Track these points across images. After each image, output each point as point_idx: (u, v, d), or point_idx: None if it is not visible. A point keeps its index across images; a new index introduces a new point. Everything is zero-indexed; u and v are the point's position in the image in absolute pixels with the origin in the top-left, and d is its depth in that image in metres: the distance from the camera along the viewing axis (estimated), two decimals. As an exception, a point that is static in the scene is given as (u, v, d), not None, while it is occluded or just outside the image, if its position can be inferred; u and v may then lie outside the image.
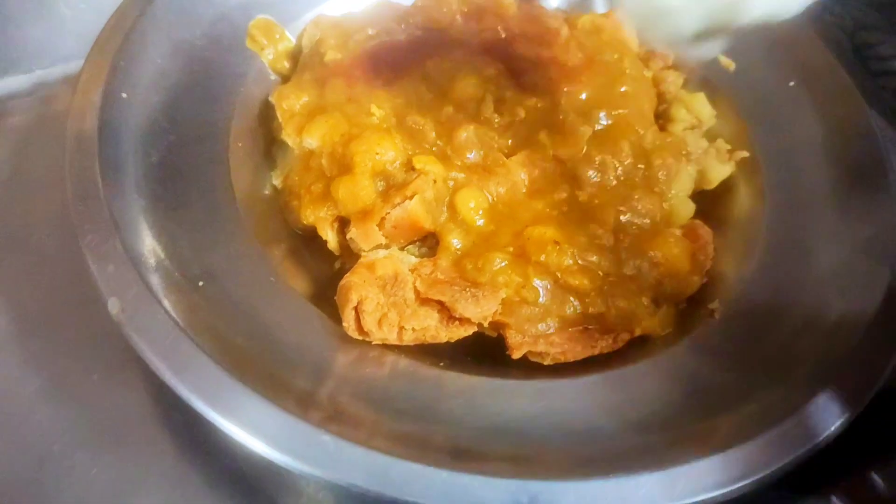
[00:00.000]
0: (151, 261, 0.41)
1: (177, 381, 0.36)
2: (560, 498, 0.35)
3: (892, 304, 0.44)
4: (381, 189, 0.47)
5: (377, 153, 0.47)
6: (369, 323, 0.42)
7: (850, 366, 0.41)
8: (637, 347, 0.46)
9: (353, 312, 0.42)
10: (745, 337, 0.45)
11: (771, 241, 0.49)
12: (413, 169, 0.47)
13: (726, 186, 0.54)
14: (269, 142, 0.54)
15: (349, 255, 0.49)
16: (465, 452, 0.37)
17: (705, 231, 0.51)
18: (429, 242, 0.49)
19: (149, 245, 0.42)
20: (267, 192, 0.52)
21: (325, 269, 0.50)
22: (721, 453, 0.37)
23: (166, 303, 0.39)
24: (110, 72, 0.48)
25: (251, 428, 0.35)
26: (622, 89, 0.54)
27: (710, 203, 0.54)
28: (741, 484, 0.36)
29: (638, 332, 0.46)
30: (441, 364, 0.43)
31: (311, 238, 0.50)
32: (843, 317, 0.44)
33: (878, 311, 0.43)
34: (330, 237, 0.49)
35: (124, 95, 0.47)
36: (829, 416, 0.39)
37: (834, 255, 0.47)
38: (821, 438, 0.38)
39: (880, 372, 0.40)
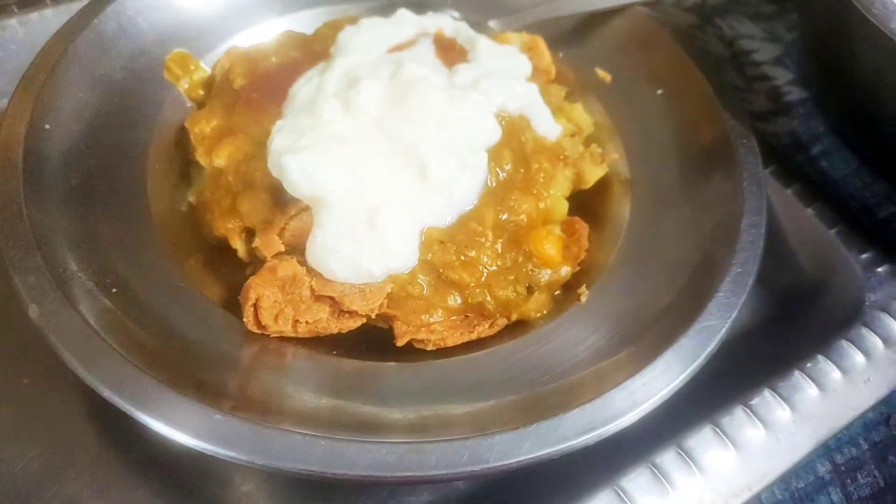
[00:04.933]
0: (67, 272, 0.46)
1: (87, 374, 0.41)
2: (426, 457, 0.40)
3: (734, 279, 0.50)
4: (280, 202, 0.52)
5: (275, 169, 0.52)
6: (266, 318, 0.47)
7: (687, 335, 0.46)
8: (515, 329, 0.52)
9: (252, 309, 0.48)
10: (604, 315, 0.51)
11: (632, 233, 0.56)
12: (311, 181, 0.53)
13: (602, 186, 0.60)
14: (185, 163, 0.59)
15: (258, 263, 0.54)
16: (367, 425, 0.43)
17: (581, 226, 0.57)
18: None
19: (65, 259, 0.47)
20: (184, 209, 0.58)
21: (239, 275, 0.55)
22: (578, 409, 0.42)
23: (80, 308, 0.44)
24: (34, 106, 0.53)
25: (150, 411, 0.40)
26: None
27: (587, 201, 0.60)
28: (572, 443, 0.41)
29: (515, 318, 0.52)
30: (335, 352, 0.49)
31: (224, 248, 0.55)
32: (686, 294, 0.50)
33: (719, 285, 0.49)
34: (240, 246, 0.54)
35: (47, 126, 0.53)
36: (669, 376, 0.44)
37: (683, 242, 0.53)
38: (654, 400, 0.43)
39: (713, 336, 0.46)
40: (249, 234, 0.54)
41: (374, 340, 0.51)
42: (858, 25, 0.50)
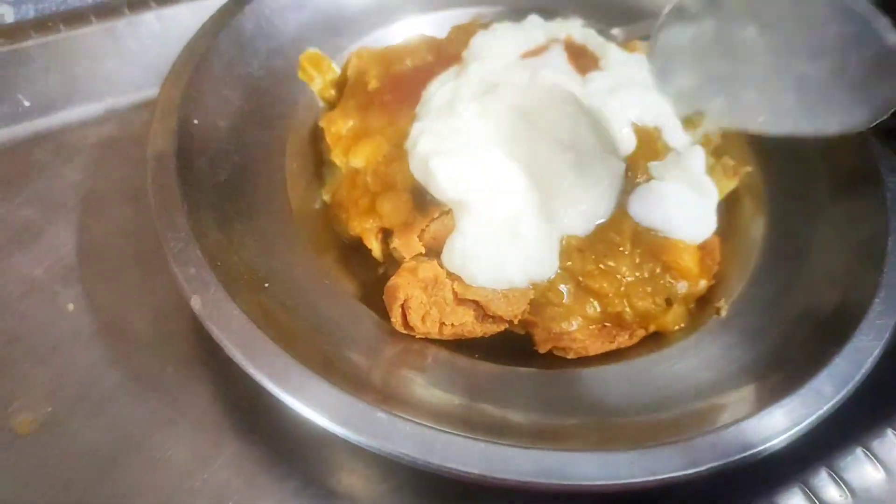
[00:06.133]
0: (224, 265, 0.47)
1: (252, 366, 0.42)
2: (580, 467, 0.40)
3: (884, 299, 0.48)
4: (420, 204, 0.53)
5: (417, 172, 0.53)
6: (414, 319, 0.48)
7: (841, 355, 0.45)
8: (651, 342, 0.52)
9: (400, 309, 0.48)
10: (747, 330, 0.50)
11: (770, 247, 0.55)
12: (450, 184, 0.53)
13: (732, 198, 0.59)
14: (318, 162, 0.60)
15: (392, 263, 0.55)
16: (497, 428, 0.43)
17: (713, 238, 0.56)
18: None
19: (221, 252, 0.48)
20: (317, 207, 0.59)
21: (370, 274, 0.56)
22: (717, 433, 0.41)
23: (238, 300, 0.45)
24: (183, 101, 0.54)
25: (315, 406, 0.40)
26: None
27: (718, 214, 0.59)
28: (730, 459, 0.40)
29: (652, 329, 0.52)
30: (476, 356, 0.49)
31: (357, 247, 0.56)
32: (836, 313, 0.48)
33: (869, 306, 0.48)
34: (375, 246, 0.55)
35: (196, 121, 0.54)
36: (818, 400, 0.43)
37: (828, 259, 0.52)
38: (812, 419, 0.42)
39: (866, 358, 0.45)
40: (385, 234, 0.55)
41: (510, 346, 0.51)
42: None
